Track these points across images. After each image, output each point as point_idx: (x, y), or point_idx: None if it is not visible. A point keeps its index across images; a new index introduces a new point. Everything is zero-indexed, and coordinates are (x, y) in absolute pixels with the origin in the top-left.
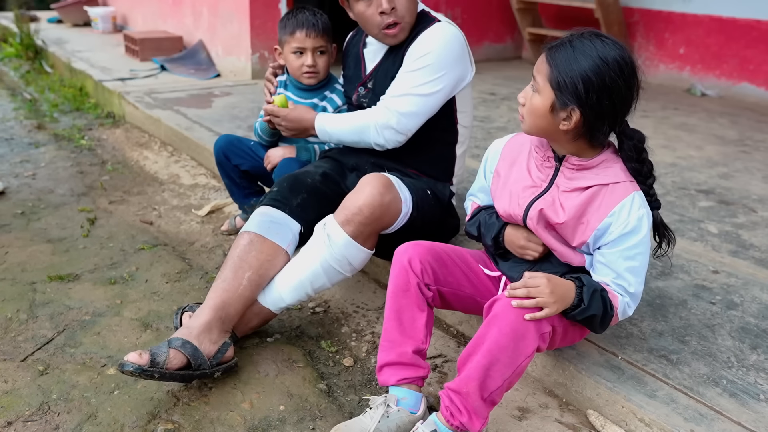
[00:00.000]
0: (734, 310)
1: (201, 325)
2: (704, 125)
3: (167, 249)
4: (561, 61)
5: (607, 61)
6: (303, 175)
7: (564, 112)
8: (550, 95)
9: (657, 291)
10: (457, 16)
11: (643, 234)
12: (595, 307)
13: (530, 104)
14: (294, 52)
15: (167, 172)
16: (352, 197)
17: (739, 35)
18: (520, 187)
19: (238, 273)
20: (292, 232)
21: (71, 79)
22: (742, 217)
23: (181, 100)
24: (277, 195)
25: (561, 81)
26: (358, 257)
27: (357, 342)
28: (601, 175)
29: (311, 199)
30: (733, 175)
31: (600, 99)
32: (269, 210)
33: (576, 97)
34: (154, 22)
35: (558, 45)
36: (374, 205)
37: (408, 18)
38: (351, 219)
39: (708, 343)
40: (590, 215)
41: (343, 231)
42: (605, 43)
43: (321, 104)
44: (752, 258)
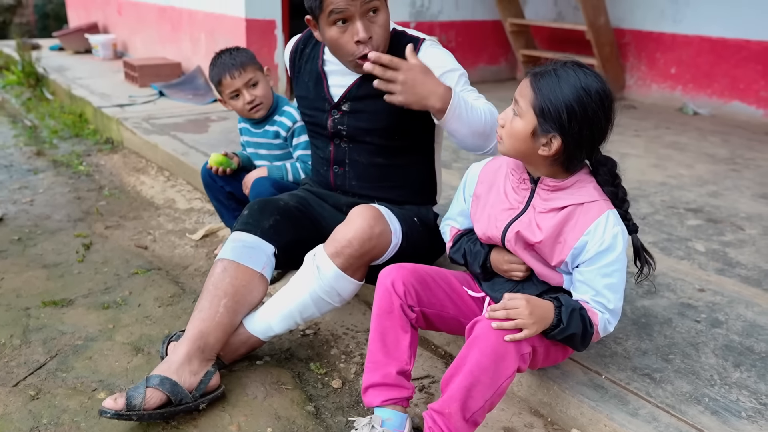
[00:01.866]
0: (719, 328)
1: (180, 358)
2: (695, 144)
3: (161, 273)
4: (546, 89)
5: (590, 93)
6: (275, 199)
7: (545, 138)
8: (533, 120)
9: (642, 310)
10: (451, 38)
11: (618, 251)
12: (575, 326)
13: (511, 127)
14: (232, 98)
15: (163, 196)
16: (342, 229)
17: (729, 55)
18: (498, 209)
19: (214, 301)
20: (265, 254)
21: (71, 105)
22: (730, 235)
23: (179, 126)
24: (248, 219)
25: (545, 108)
26: (348, 289)
27: (346, 364)
28: (575, 195)
29: (284, 221)
30: (723, 193)
31: (581, 129)
32: (241, 235)
33: (559, 125)
34: (154, 49)
35: (543, 72)
36: (364, 238)
37: (383, 47)
38: (341, 251)
39: (691, 361)
40: (567, 234)
41: (332, 263)
42: (587, 74)
43: (273, 129)
44: (738, 276)
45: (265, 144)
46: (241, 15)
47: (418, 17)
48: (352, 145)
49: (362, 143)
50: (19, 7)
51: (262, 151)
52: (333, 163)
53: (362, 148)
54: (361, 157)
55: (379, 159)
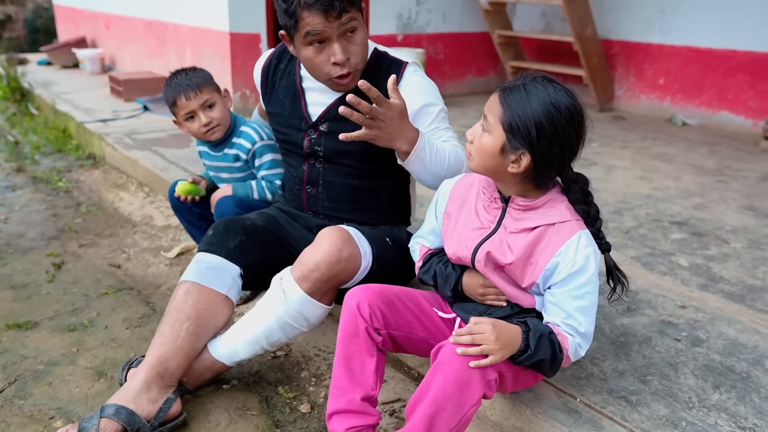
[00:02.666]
0: (699, 347)
1: (138, 385)
2: (683, 155)
3: (132, 293)
4: (515, 104)
5: (559, 109)
6: (241, 218)
7: (514, 155)
8: (502, 137)
9: (622, 328)
10: (439, 51)
11: (590, 273)
12: (543, 351)
13: (479, 143)
14: (187, 119)
15: (141, 213)
16: (309, 252)
17: (717, 65)
18: (468, 228)
19: (176, 325)
20: (231, 275)
21: (55, 121)
22: (714, 249)
23: (161, 141)
24: (212, 239)
25: (514, 124)
26: (315, 313)
27: (316, 387)
28: (547, 215)
29: (250, 241)
30: (708, 205)
31: (551, 146)
32: (205, 256)
33: (528, 141)
34: (141, 63)
35: (511, 87)
36: (332, 262)
37: (361, 65)
38: (307, 276)
39: (670, 383)
40: (538, 255)
41: (299, 287)
42: (557, 89)
43: (232, 152)
44: (721, 291)
45: (225, 168)
46: (226, 29)
47: (405, 30)
48: (327, 166)
49: (338, 165)
50: (8, 22)
51: (223, 174)
52: (306, 183)
53: (337, 170)
54: (335, 179)
55: (354, 181)
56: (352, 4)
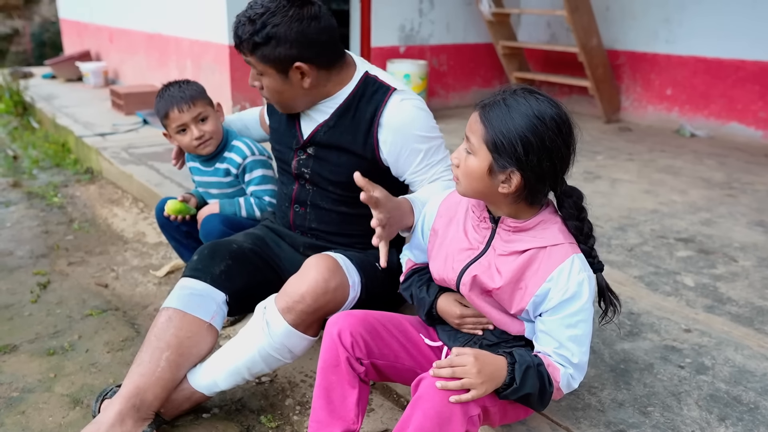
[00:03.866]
0: (704, 374)
1: (111, 418)
2: (691, 167)
3: (117, 314)
4: (496, 121)
5: (544, 120)
6: (227, 242)
7: (503, 175)
8: (487, 157)
9: (622, 354)
10: (442, 62)
11: (584, 300)
12: (530, 385)
13: (465, 166)
14: (178, 132)
15: (134, 229)
16: (294, 282)
17: (725, 75)
18: (455, 249)
19: (155, 354)
20: (215, 302)
21: (55, 134)
22: (722, 267)
23: (158, 155)
24: (197, 264)
25: (498, 142)
26: (300, 345)
27: (300, 416)
28: (538, 237)
29: (237, 266)
30: (716, 221)
31: (540, 160)
32: (189, 282)
33: (515, 159)
34: (143, 76)
35: (491, 103)
36: (318, 293)
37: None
38: (292, 307)
39: (672, 415)
40: (528, 280)
41: (283, 319)
42: (540, 100)
43: (223, 166)
44: (728, 314)
45: (215, 183)
46: (225, 42)
47: (408, 41)
48: (315, 189)
49: (325, 190)
50: (16, 36)
51: (213, 190)
52: (294, 201)
53: (325, 195)
54: (323, 203)
55: (342, 207)
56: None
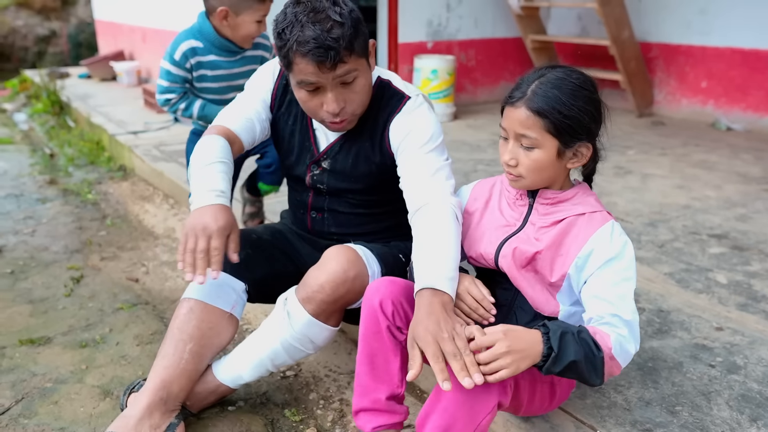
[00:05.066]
0: (736, 374)
1: (140, 411)
2: (726, 162)
3: (147, 308)
4: (551, 106)
5: (587, 87)
6: (246, 231)
7: (571, 151)
8: (554, 144)
9: (650, 352)
10: (471, 57)
11: (627, 259)
12: (572, 351)
13: (531, 162)
14: (257, 21)
15: (164, 225)
16: (314, 273)
17: (764, 67)
18: (493, 227)
19: (179, 346)
20: (235, 292)
21: (90, 133)
22: (757, 264)
23: None
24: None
25: (563, 125)
26: (321, 335)
27: (323, 410)
28: (576, 206)
29: (256, 255)
30: (752, 216)
31: (598, 123)
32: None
33: (586, 131)
34: None
35: (531, 95)
36: (337, 282)
37: (359, 110)
38: (312, 297)
39: (701, 414)
40: (569, 245)
41: (304, 309)
42: (567, 71)
43: (257, 53)
44: (763, 312)
45: (243, 73)
46: None
47: (436, 36)
48: (332, 198)
49: (342, 198)
50: (53, 37)
51: (239, 81)
52: (311, 209)
53: (342, 201)
54: (341, 207)
55: (360, 209)
56: (351, 53)
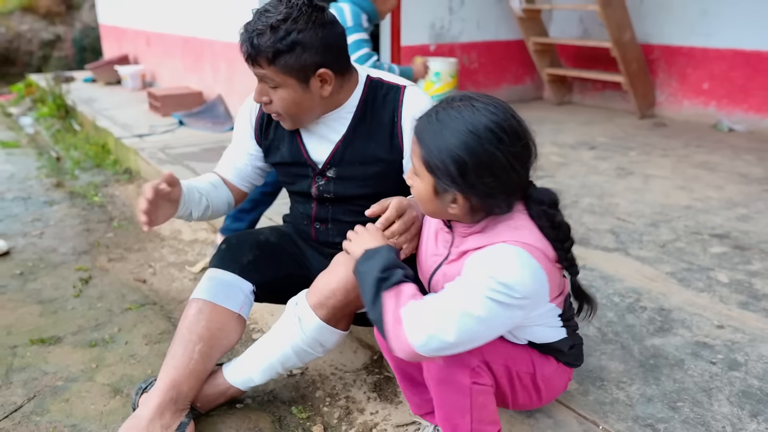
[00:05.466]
0: (736, 370)
1: (151, 411)
2: (728, 163)
3: (154, 309)
4: (428, 141)
5: (478, 133)
6: (254, 233)
7: (449, 196)
8: (429, 179)
9: (652, 349)
10: (473, 60)
11: (492, 274)
12: (373, 266)
13: (414, 189)
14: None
15: (170, 227)
16: (324, 278)
17: (766, 68)
18: (429, 254)
19: (188, 347)
20: (243, 292)
21: (95, 136)
22: (758, 263)
23: (194, 155)
24: (225, 254)
25: (433, 164)
26: (331, 339)
27: (330, 407)
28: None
29: (264, 257)
30: (753, 216)
31: (480, 177)
32: (217, 272)
33: (452, 181)
34: (179, 78)
35: (424, 119)
36: (348, 289)
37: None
38: (324, 302)
39: (702, 410)
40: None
41: (315, 315)
42: (476, 109)
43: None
44: (764, 310)
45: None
46: None
47: (438, 39)
48: (335, 207)
49: (348, 205)
50: (58, 42)
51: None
52: (315, 220)
53: (347, 209)
54: (345, 216)
55: (364, 218)
56: (270, 65)
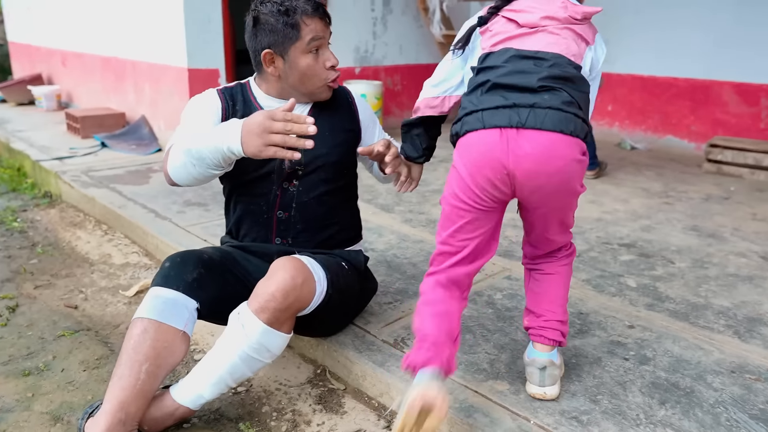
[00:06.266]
0: (646, 365)
1: None
2: (631, 178)
3: (89, 334)
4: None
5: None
6: (198, 252)
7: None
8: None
9: (573, 350)
10: (397, 82)
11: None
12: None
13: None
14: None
15: (99, 251)
16: (263, 284)
17: (660, 92)
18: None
19: (135, 367)
20: (188, 310)
21: (9, 159)
22: (660, 269)
23: (119, 177)
24: (169, 272)
25: None
26: (276, 343)
27: (277, 422)
28: None
29: (208, 274)
30: (655, 227)
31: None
32: (161, 291)
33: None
34: (98, 99)
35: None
36: (287, 290)
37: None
38: (265, 306)
39: (619, 401)
40: None
41: (258, 319)
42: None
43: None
44: (667, 310)
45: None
46: (184, 65)
47: (363, 62)
48: (301, 188)
49: (314, 181)
50: None
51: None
52: (278, 207)
53: (312, 187)
54: (309, 196)
55: (326, 197)
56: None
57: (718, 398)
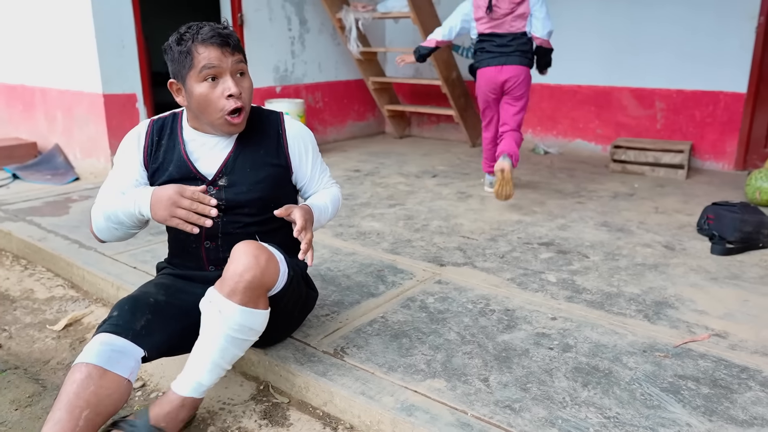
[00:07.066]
0: (569, 352)
1: None
2: (546, 181)
3: (18, 372)
4: None
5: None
6: (144, 296)
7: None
8: None
9: (503, 344)
10: (318, 99)
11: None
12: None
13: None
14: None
15: (20, 287)
16: (230, 268)
17: (566, 99)
18: None
19: (74, 412)
20: (134, 358)
21: None
22: (577, 264)
23: (36, 209)
24: (118, 320)
25: None
26: (257, 320)
27: None
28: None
29: (156, 320)
30: (570, 225)
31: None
32: (110, 338)
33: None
34: (5, 130)
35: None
36: (253, 268)
37: (248, 107)
38: (235, 288)
39: (546, 387)
40: None
41: (231, 302)
42: None
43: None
44: (584, 301)
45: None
46: (99, 91)
47: (283, 81)
48: (226, 219)
49: (238, 215)
50: None
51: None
52: (205, 238)
53: (237, 220)
54: (234, 228)
55: (253, 228)
56: (240, 51)
57: (633, 376)
